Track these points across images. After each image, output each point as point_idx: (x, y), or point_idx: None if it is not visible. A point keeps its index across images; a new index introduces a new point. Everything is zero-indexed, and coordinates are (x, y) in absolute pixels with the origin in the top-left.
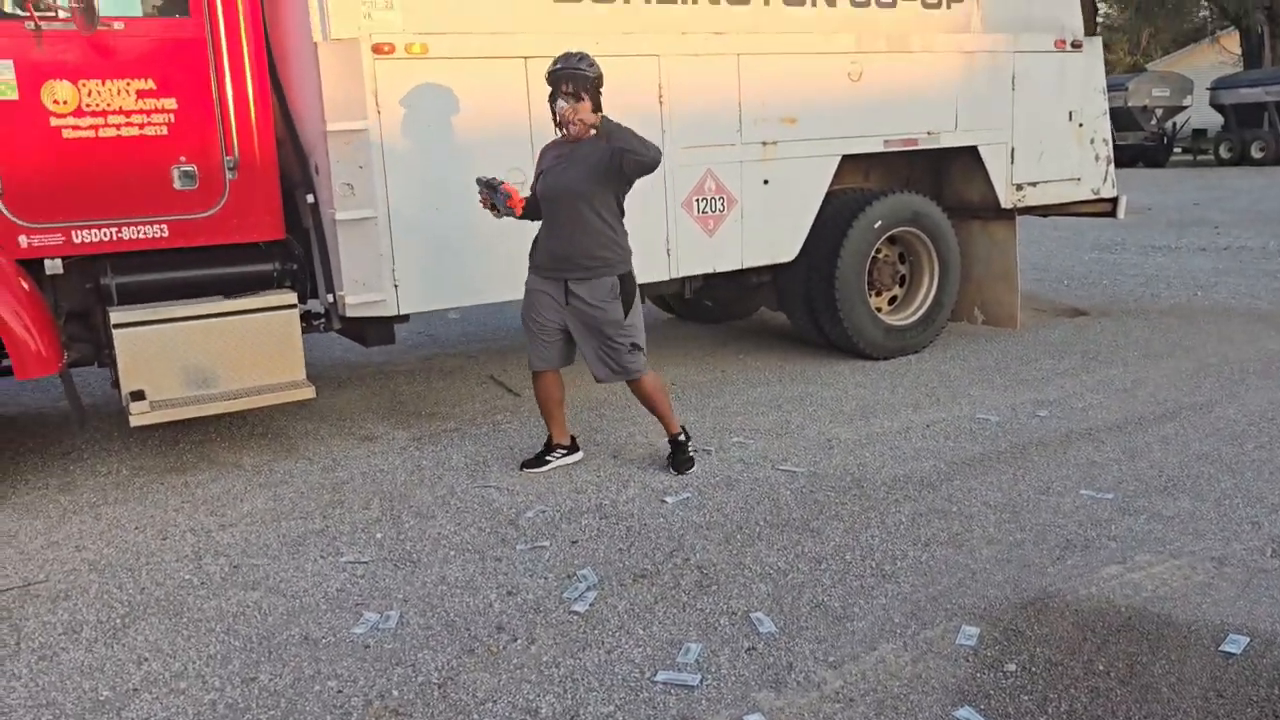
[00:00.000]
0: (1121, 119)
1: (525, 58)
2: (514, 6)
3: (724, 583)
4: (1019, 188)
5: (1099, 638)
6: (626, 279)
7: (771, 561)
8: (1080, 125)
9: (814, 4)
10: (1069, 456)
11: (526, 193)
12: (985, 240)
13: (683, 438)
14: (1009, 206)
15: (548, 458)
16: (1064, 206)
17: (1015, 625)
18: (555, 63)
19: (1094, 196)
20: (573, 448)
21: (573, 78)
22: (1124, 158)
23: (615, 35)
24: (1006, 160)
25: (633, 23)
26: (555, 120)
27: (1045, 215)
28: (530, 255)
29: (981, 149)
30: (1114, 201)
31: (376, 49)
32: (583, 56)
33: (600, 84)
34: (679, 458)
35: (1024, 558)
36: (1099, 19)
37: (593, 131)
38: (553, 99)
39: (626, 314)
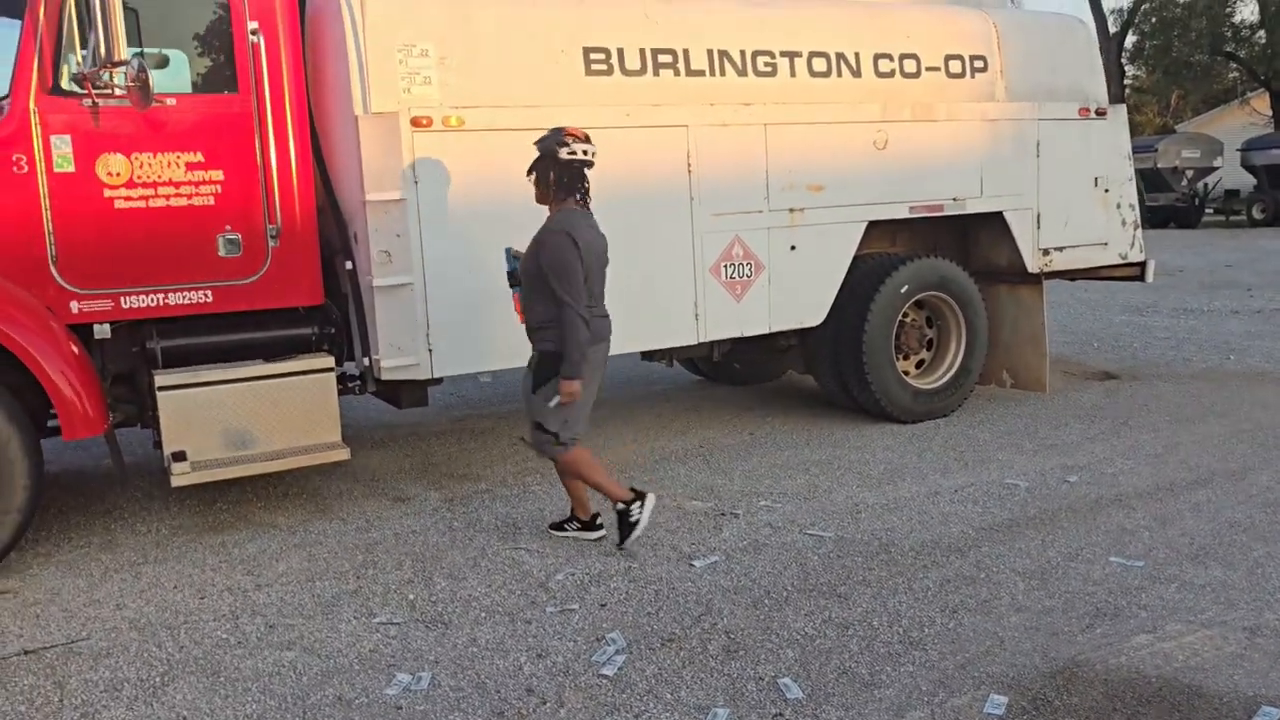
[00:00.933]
0: (1152, 181)
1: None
2: (547, 80)
3: (751, 648)
4: (1046, 252)
5: (1129, 708)
6: (547, 358)
7: (799, 627)
8: (1106, 191)
9: (839, 75)
10: (1099, 523)
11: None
12: (1013, 304)
13: (621, 506)
14: (1036, 271)
15: (565, 525)
16: (1092, 271)
17: (1044, 694)
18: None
19: (1122, 261)
20: (590, 525)
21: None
22: (1155, 219)
23: (645, 107)
24: (1032, 225)
25: (662, 94)
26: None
27: (1073, 279)
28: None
29: (1007, 214)
30: (1142, 265)
31: (415, 122)
32: (541, 136)
33: (547, 162)
34: (625, 524)
35: (1053, 625)
36: (1126, 81)
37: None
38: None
39: (535, 389)
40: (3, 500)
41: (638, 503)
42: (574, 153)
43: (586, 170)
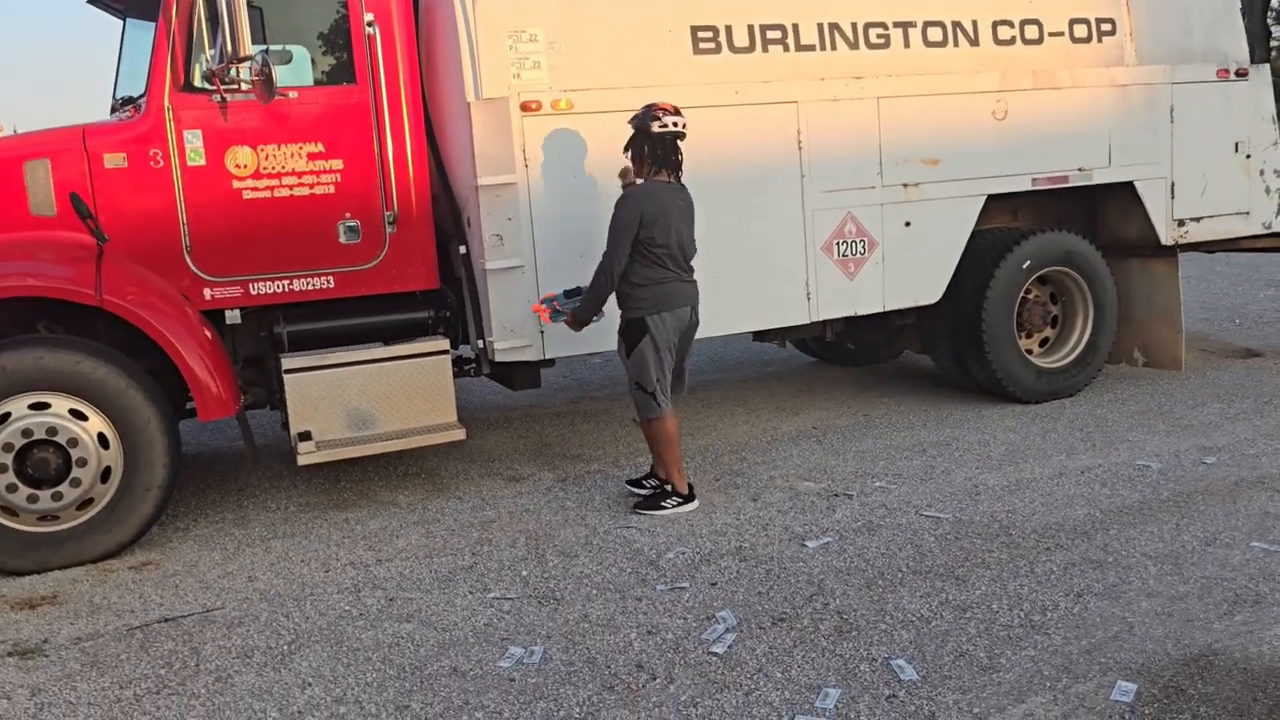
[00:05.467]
0: None
1: None
2: (655, 61)
3: (864, 629)
4: (1180, 223)
5: (1271, 699)
6: (632, 324)
7: (914, 608)
8: (1248, 156)
9: (955, 44)
10: (1239, 506)
11: None
12: (1145, 278)
13: (669, 488)
14: (1170, 243)
15: (664, 504)
16: (1232, 242)
17: (1176, 683)
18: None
19: (1265, 231)
20: (689, 498)
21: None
22: None
23: (754, 84)
24: (1166, 195)
25: (771, 71)
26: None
27: (1211, 251)
28: (673, 298)
29: (1138, 184)
30: None
31: (525, 106)
32: (634, 114)
33: (640, 138)
34: (652, 500)
35: (1187, 612)
36: (1273, 43)
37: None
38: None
39: (629, 354)
40: (145, 477)
41: (680, 499)
42: (665, 125)
43: (679, 142)
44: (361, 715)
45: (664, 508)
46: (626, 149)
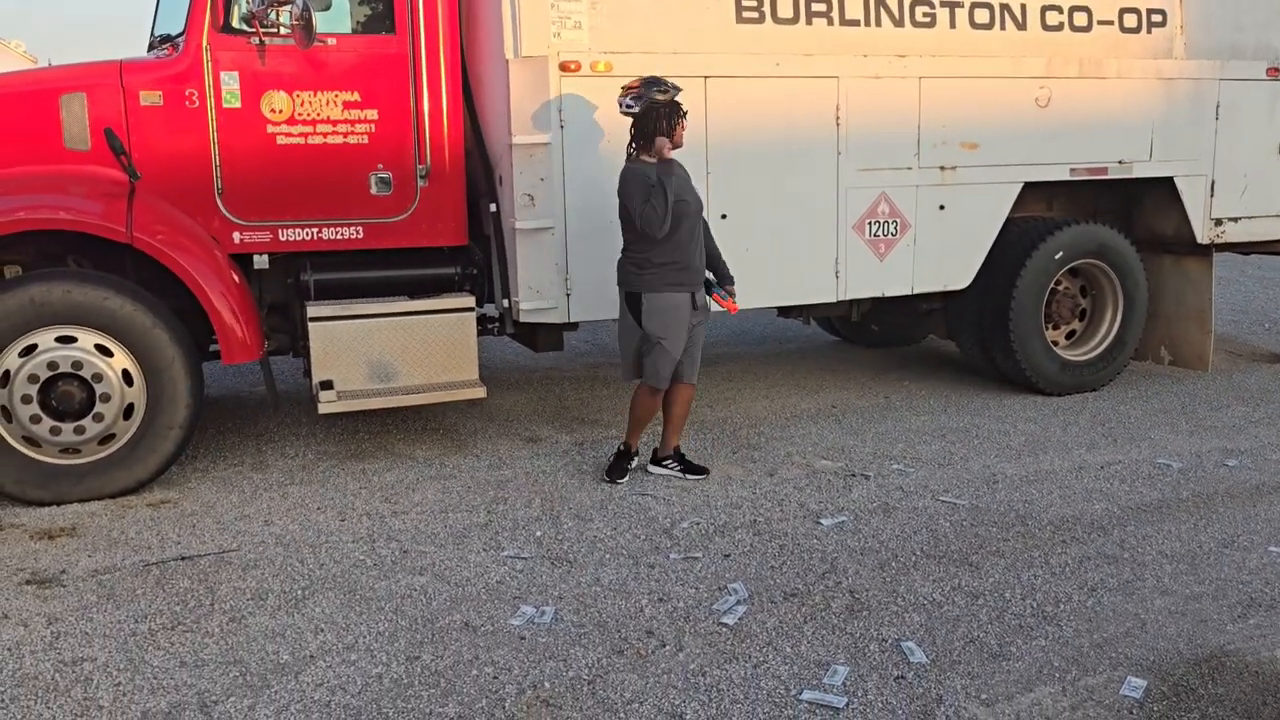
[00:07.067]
0: None
1: (705, 77)
2: (697, 27)
3: (875, 609)
4: (1218, 223)
5: None
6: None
7: (926, 592)
8: None
9: (1002, 27)
10: (1259, 510)
11: None
12: (1178, 276)
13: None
14: (1206, 242)
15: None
16: (1268, 245)
17: (1187, 682)
18: (668, 89)
19: None
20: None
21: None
22: None
23: (795, 56)
24: (1205, 193)
25: (813, 44)
26: (675, 142)
27: (1247, 253)
28: (672, 274)
29: (1178, 181)
30: None
31: (563, 66)
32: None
33: None
34: (691, 465)
35: (1201, 612)
36: None
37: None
38: (676, 122)
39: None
40: (167, 416)
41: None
42: None
43: None
44: (372, 663)
45: (625, 470)
46: (661, 122)
